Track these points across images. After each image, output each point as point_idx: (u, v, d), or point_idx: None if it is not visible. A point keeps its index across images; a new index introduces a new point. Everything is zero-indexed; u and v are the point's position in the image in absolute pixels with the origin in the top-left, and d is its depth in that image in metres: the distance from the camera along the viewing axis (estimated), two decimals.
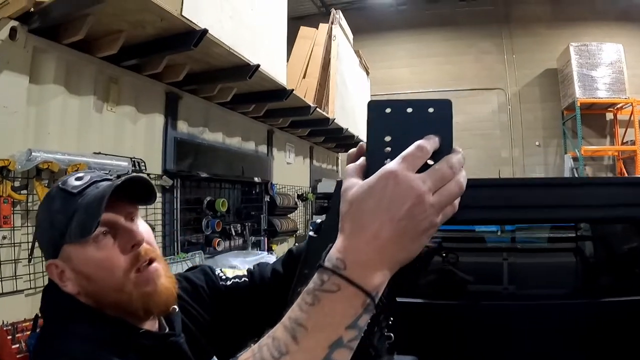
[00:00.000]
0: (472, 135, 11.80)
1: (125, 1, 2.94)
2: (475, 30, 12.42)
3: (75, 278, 1.12)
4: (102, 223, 1.09)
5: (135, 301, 1.10)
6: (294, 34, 8.52)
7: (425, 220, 0.63)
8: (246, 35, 4.38)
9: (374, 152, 0.70)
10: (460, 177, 0.66)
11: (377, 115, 0.71)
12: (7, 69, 2.96)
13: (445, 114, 0.69)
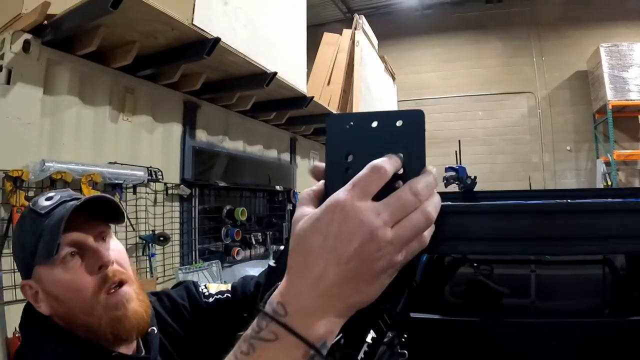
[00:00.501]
0: (502, 140, 11.61)
1: (134, 11, 2.95)
2: (502, 33, 12.14)
3: (47, 299, 1.11)
4: (70, 244, 1.09)
5: (105, 326, 1.09)
6: (320, 40, 8.54)
7: (381, 260, 0.53)
8: (262, 43, 4.38)
9: (333, 175, 0.61)
10: (428, 206, 0.56)
11: (337, 132, 0.63)
12: (21, 81, 3.01)
13: (416, 127, 0.60)
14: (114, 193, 3.59)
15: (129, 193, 3.85)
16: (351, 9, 12.56)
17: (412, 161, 0.58)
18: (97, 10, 2.77)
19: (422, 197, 0.55)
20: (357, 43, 7.86)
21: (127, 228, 3.76)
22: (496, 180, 11.08)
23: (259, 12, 4.36)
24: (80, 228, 1.12)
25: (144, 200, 4.01)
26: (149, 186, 4.07)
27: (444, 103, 12.26)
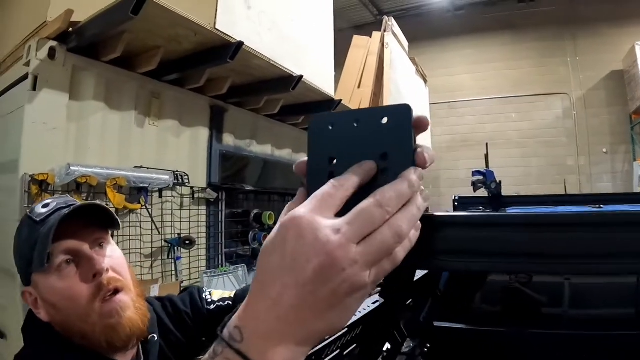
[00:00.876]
0: (536, 143, 11.34)
1: (156, 17, 2.98)
2: (535, 33, 11.84)
3: (45, 306, 1.12)
4: (65, 251, 1.10)
5: (99, 333, 1.09)
6: (351, 43, 8.54)
7: (344, 283, 0.47)
8: (288, 46, 4.38)
9: (315, 182, 0.55)
10: (399, 220, 0.50)
11: (319, 134, 0.58)
12: (47, 87, 3.07)
13: (403, 123, 0.55)
14: (139, 197, 3.63)
15: (155, 197, 3.88)
16: (382, 11, 12.51)
17: (398, 162, 0.54)
18: (119, 17, 2.81)
19: (391, 209, 0.50)
20: (386, 45, 7.82)
21: (153, 231, 3.80)
22: (531, 183, 10.86)
23: (284, 16, 4.36)
24: (75, 235, 1.12)
25: (170, 204, 4.04)
26: (175, 190, 4.10)
27: (476, 105, 12.08)
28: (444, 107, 12.26)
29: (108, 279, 1.12)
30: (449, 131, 12.16)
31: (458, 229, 0.63)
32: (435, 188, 11.85)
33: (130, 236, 3.64)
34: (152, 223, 3.79)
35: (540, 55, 11.72)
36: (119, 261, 1.19)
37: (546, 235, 0.61)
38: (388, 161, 0.54)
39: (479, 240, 0.63)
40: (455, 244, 0.62)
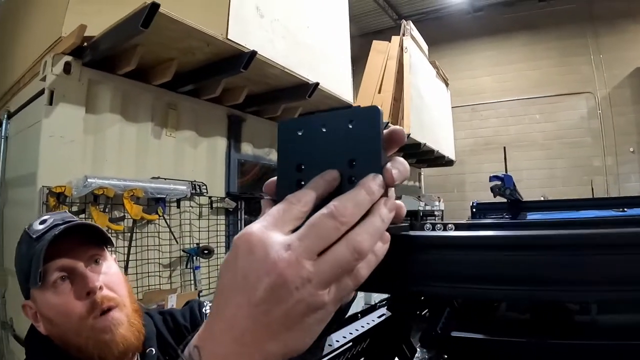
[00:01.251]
0: (561, 144, 11.17)
1: (167, 30, 3.02)
2: (557, 32, 11.68)
3: (43, 320, 1.16)
4: (60, 269, 1.13)
5: (92, 348, 1.11)
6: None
7: (299, 303, 0.44)
8: (303, 54, 4.38)
9: (283, 190, 0.53)
10: (358, 234, 0.47)
11: (288, 141, 0.56)
12: (63, 101, 3.13)
13: (371, 127, 0.52)
14: (157, 207, 3.67)
15: (173, 207, 3.91)
16: (401, 15, 12.50)
17: (366, 170, 0.51)
18: (130, 31, 2.85)
19: (347, 220, 0.46)
20: (405, 49, 7.80)
21: (171, 241, 3.83)
22: (557, 185, 10.70)
23: (298, 23, 4.37)
24: (71, 252, 1.15)
25: (188, 213, 4.07)
26: (193, 200, 4.13)
27: (499, 107, 11.96)
28: (466, 110, 12.17)
29: (102, 297, 1.14)
30: (472, 134, 12.06)
31: (435, 251, 0.56)
32: (460, 192, 11.76)
33: (148, 246, 3.68)
34: (170, 233, 3.82)
35: (563, 54, 11.56)
36: (114, 278, 1.22)
37: (532, 259, 0.52)
38: (355, 168, 0.52)
39: (456, 263, 0.56)
40: (432, 267, 0.56)
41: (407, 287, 0.56)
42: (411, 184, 10.01)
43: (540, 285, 0.51)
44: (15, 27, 4.39)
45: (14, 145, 3.70)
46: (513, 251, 0.52)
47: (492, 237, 0.54)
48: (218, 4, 3.42)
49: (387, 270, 0.53)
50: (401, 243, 0.54)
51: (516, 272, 0.51)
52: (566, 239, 0.51)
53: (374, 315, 1.70)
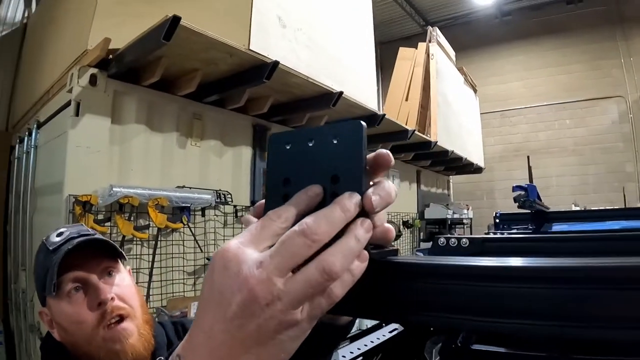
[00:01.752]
0: (593, 149, 10.91)
1: (189, 42, 3.06)
2: (586, 35, 11.40)
3: (57, 327, 1.22)
4: (74, 280, 1.19)
5: (103, 356, 1.17)
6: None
7: (271, 320, 0.45)
8: (327, 63, 4.40)
9: (271, 204, 0.54)
10: (330, 255, 0.47)
11: (277, 154, 0.57)
12: (89, 112, 3.20)
13: (354, 142, 0.52)
14: (182, 216, 3.72)
15: (197, 215, 3.96)
16: (428, 21, 12.44)
17: (348, 186, 0.51)
18: (153, 44, 2.90)
19: (318, 238, 0.47)
20: (432, 56, 7.75)
21: (195, 249, 3.88)
22: (589, 192, 10.47)
23: (321, 33, 4.38)
24: (85, 265, 1.21)
25: (213, 222, 4.11)
26: (218, 209, 4.17)
27: (529, 113, 11.76)
28: (496, 117, 12.02)
29: (112, 307, 1.19)
30: (502, 141, 11.91)
31: (414, 279, 0.53)
32: (490, 199, 11.62)
33: (173, 254, 3.73)
34: (194, 241, 3.87)
35: (593, 57, 11.28)
36: (126, 290, 1.27)
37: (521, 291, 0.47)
38: (339, 184, 0.52)
39: (432, 293, 0.53)
40: (409, 296, 0.53)
41: (388, 315, 0.56)
42: (439, 192, 9.92)
43: (526, 319, 0.47)
44: (44, 38, 4.52)
45: (43, 154, 3.81)
46: (485, 282, 0.50)
47: (466, 267, 0.51)
48: (240, 15, 3.46)
49: (370, 295, 0.53)
50: (384, 269, 0.54)
51: (487, 303, 0.49)
52: (532, 271, 0.49)
53: (385, 330, 1.69)
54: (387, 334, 1.65)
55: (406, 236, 8.17)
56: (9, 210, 4.84)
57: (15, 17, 5.76)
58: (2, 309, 4.83)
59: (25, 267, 3.87)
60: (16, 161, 4.52)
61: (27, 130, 4.10)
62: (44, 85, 3.99)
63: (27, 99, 4.69)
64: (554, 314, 0.45)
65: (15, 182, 4.47)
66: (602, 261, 0.46)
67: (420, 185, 8.85)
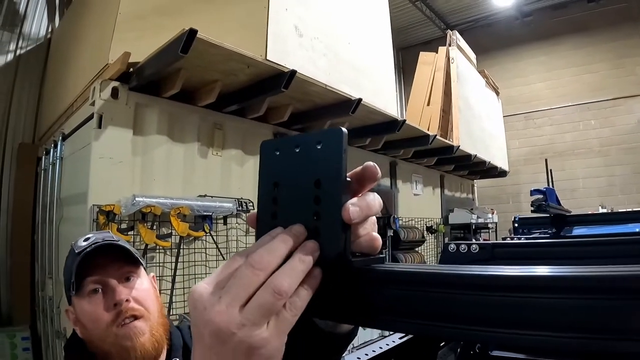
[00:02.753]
0: (619, 150, 10.66)
1: (207, 54, 3.12)
2: (609, 33, 11.14)
3: (79, 325, 1.31)
4: (94, 282, 1.29)
5: (115, 353, 1.25)
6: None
7: (242, 344, 0.49)
8: (345, 70, 4.42)
9: (263, 207, 0.58)
10: (277, 277, 0.50)
11: (268, 159, 0.59)
12: (112, 124, 3.28)
13: (335, 148, 0.54)
14: (203, 224, 3.77)
15: (220, 224, 4.01)
16: (449, 25, 12.33)
17: (329, 188, 0.53)
18: (171, 56, 2.96)
19: (264, 268, 0.51)
20: (452, 60, 7.73)
21: (217, 257, 3.92)
22: (616, 194, 10.26)
23: (339, 40, 4.41)
24: (106, 268, 1.30)
25: (235, 230, 4.16)
26: (239, 217, 4.21)
27: (554, 114, 11.55)
28: (520, 119, 11.88)
29: (127, 308, 1.27)
30: (527, 143, 11.75)
31: (390, 286, 0.54)
32: (516, 203, 11.48)
33: (195, 262, 3.78)
34: (217, 249, 3.92)
35: (616, 56, 11.02)
36: (143, 293, 1.33)
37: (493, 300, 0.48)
38: (321, 188, 0.54)
39: (404, 300, 0.53)
40: (383, 301, 0.54)
41: (367, 319, 0.56)
42: (464, 196, 9.85)
43: (491, 327, 0.48)
44: (67, 52, 4.64)
45: (68, 165, 3.91)
46: (451, 289, 0.51)
47: (443, 275, 0.52)
48: (256, 25, 3.51)
49: (353, 300, 0.55)
50: (364, 276, 0.55)
51: (467, 311, 0.49)
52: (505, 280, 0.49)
53: (394, 336, 1.70)
54: (397, 339, 1.66)
55: (430, 242, 8.10)
56: (37, 221, 4.95)
57: (40, 32, 5.92)
58: (30, 316, 4.94)
59: (52, 275, 3.96)
60: (42, 172, 4.63)
61: (53, 142, 4.19)
62: (68, 98, 4.09)
63: (52, 111, 4.81)
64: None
65: (42, 193, 4.58)
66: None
67: (444, 190, 8.80)
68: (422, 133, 6.27)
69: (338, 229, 0.54)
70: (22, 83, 5.67)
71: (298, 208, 0.56)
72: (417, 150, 6.86)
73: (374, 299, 0.55)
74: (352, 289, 0.55)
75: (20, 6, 5.71)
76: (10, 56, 5.58)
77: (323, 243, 0.54)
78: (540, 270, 0.48)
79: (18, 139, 5.54)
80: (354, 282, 0.55)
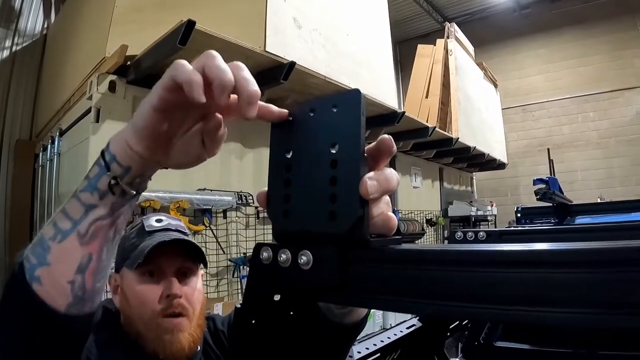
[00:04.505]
0: (618, 142, 10.60)
1: (204, 45, 3.05)
2: (607, 25, 11.02)
3: (120, 295, 1.30)
4: (155, 266, 1.26)
5: (151, 340, 1.23)
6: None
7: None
8: (344, 62, 4.40)
9: (274, 175, 0.57)
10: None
11: (279, 127, 0.59)
12: (110, 118, 3.25)
13: (353, 109, 0.52)
14: (203, 218, 3.75)
15: (219, 217, 3.99)
16: (446, 17, 12.25)
17: (347, 150, 0.52)
18: (169, 48, 2.92)
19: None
20: (450, 52, 7.72)
21: (218, 251, 3.90)
22: (615, 186, 10.23)
23: (337, 32, 4.39)
24: (168, 257, 1.27)
25: (234, 224, 4.13)
26: (239, 210, 4.19)
27: (552, 107, 11.51)
28: (518, 111, 11.86)
29: (177, 303, 1.25)
30: (525, 136, 11.73)
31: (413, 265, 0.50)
32: (514, 196, 11.47)
33: None
34: (217, 243, 3.89)
35: (614, 48, 10.92)
36: (195, 293, 1.32)
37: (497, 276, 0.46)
38: (338, 150, 0.53)
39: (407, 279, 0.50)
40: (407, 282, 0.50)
41: (388, 303, 0.52)
42: (463, 189, 9.85)
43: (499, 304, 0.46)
44: (64, 48, 4.59)
45: (66, 161, 3.87)
46: (488, 268, 0.47)
47: (472, 253, 0.49)
48: (255, 17, 3.48)
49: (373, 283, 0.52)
50: (385, 255, 0.52)
51: (486, 291, 0.47)
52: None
53: (402, 326, 1.68)
54: (405, 329, 1.64)
55: (430, 234, 8.11)
56: (35, 218, 4.92)
57: (35, 28, 5.86)
58: None
59: None
60: (40, 169, 4.60)
61: (50, 138, 4.16)
62: (65, 93, 4.05)
63: (49, 107, 4.77)
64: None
65: (40, 189, 4.54)
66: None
67: (443, 182, 8.81)
68: (421, 125, 6.26)
69: (356, 197, 0.51)
70: (18, 80, 5.62)
71: (313, 174, 0.54)
72: (417, 142, 6.85)
73: (395, 281, 0.51)
74: (371, 270, 0.52)
75: (16, 2, 5.66)
76: (6, 53, 5.53)
77: (339, 214, 0.52)
78: (563, 245, 0.45)
79: (15, 135, 5.49)
80: (373, 262, 0.52)
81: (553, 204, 3.11)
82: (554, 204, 3.11)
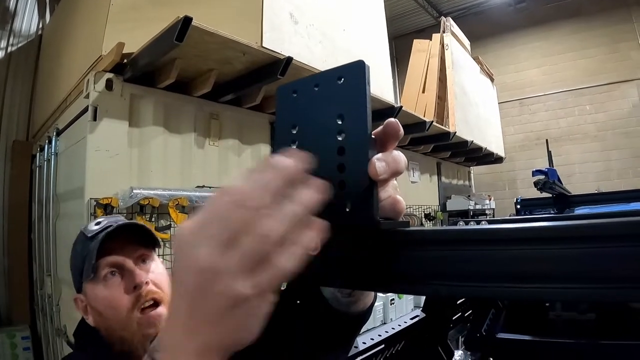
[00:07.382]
0: (615, 134, 10.62)
1: (202, 42, 3.07)
2: (604, 18, 11.01)
3: (92, 313, 1.26)
4: (110, 264, 1.23)
5: (137, 342, 1.20)
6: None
7: (219, 296, 0.42)
8: (341, 57, 4.38)
9: (279, 151, 0.54)
10: (263, 225, 0.43)
11: (285, 103, 0.58)
12: (107, 116, 3.23)
13: (358, 81, 0.52)
14: None
15: None
16: (442, 12, 12.27)
17: (354, 122, 0.52)
18: (166, 45, 2.91)
19: (254, 204, 0.44)
20: (446, 47, 7.70)
21: None
22: (613, 178, 10.25)
23: (334, 27, 4.37)
24: (121, 251, 1.25)
25: None
26: None
27: (548, 100, 11.53)
28: (515, 105, 11.86)
29: (147, 291, 1.23)
30: (522, 129, 11.74)
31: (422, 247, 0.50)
32: (512, 189, 11.49)
33: None
34: None
35: (611, 41, 10.94)
36: (160, 277, 1.31)
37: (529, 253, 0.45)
38: (344, 123, 0.52)
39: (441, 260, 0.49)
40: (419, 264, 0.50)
41: (402, 285, 0.52)
42: (461, 183, 9.84)
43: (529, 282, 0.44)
44: (60, 47, 4.58)
45: (63, 160, 3.85)
46: (502, 245, 0.46)
47: (483, 231, 0.47)
48: (252, 13, 3.46)
49: (383, 266, 0.51)
50: (397, 239, 0.52)
51: (506, 269, 0.45)
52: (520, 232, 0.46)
53: (406, 317, 1.68)
54: (409, 320, 1.64)
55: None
56: (33, 219, 4.91)
57: (30, 28, 5.84)
58: (30, 315, 4.91)
59: (51, 273, 3.91)
60: (37, 169, 4.59)
61: (47, 138, 4.14)
62: (61, 93, 4.03)
63: (45, 107, 4.75)
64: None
65: (38, 190, 4.52)
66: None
67: (441, 177, 8.79)
68: (419, 119, 6.25)
69: (365, 174, 0.51)
70: (13, 81, 5.59)
71: (320, 146, 0.53)
72: (414, 137, 6.84)
73: (409, 264, 0.50)
74: (382, 253, 0.51)
75: (10, 2, 5.63)
76: (1, 53, 5.51)
77: (348, 187, 0.51)
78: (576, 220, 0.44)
79: (12, 136, 5.47)
80: (384, 246, 0.51)
81: (553, 195, 3.11)
82: (554, 195, 3.11)
